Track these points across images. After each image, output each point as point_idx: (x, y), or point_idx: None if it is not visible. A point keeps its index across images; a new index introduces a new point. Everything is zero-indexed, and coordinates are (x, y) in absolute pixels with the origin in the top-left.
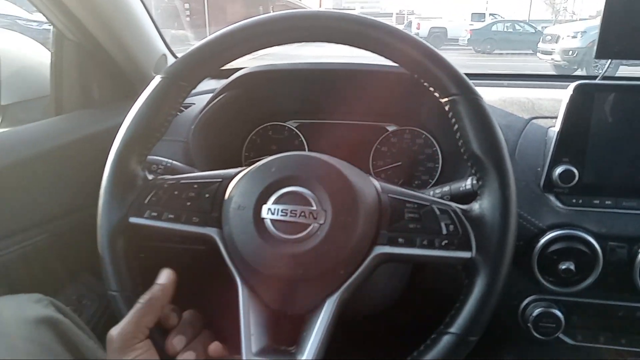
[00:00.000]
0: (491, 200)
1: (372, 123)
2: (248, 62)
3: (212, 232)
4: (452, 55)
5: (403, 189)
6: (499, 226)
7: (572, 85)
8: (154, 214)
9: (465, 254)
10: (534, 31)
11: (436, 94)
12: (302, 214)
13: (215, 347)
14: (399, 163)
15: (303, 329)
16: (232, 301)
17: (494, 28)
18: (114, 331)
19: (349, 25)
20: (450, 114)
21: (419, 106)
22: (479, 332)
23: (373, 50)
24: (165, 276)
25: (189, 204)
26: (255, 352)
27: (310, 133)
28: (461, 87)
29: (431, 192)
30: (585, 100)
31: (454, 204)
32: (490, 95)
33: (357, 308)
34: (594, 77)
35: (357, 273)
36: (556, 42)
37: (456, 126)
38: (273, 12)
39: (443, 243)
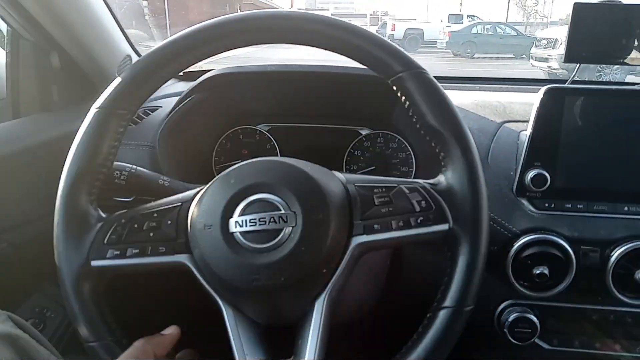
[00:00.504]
0: (457, 169)
1: (345, 127)
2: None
3: (182, 258)
4: (430, 59)
5: (367, 176)
6: (469, 192)
7: (543, 89)
8: (117, 252)
9: (443, 227)
10: (515, 34)
11: (382, 76)
12: (272, 220)
13: None
14: (373, 167)
15: (297, 338)
16: (220, 324)
17: (473, 30)
18: None
19: (286, 22)
20: (399, 93)
21: (391, 110)
22: (473, 301)
23: (314, 44)
24: (170, 329)
25: (151, 234)
26: None
27: (282, 137)
28: (404, 63)
29: None
30: (556, 103)
31: (421, 180)
32: (462, 98)
33: (341, 314)
34: (564, 82)
35: (340, 269)
36: (553, 48)
37: (407, 103)
38: (240, 11)
39: (419, 220)
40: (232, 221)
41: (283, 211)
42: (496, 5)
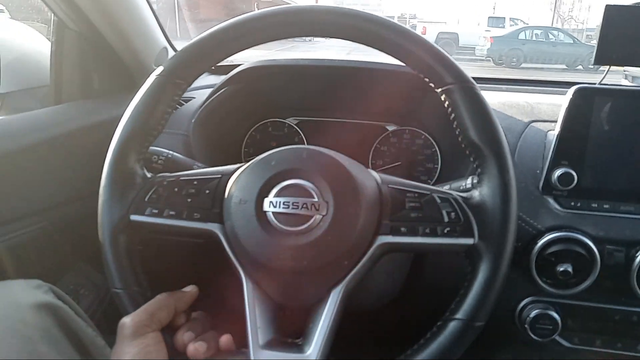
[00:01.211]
0: (491, 187)
1: (372, 122)
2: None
3: (214, 227)
4: (467, 67)
5: (402, 180)
6: (500, 212)
7: (573, 89)
8: (155, 211)
9: (468, 241)
10: (571, 41)
11: (432, 85)
12: (304, 205)
13: (226, 339)
14: (399, 163)
15: (309, 321)
16: (237, 295)
17: (521, 36)
18: (127, 318)
19: (341, 19)
20: (446, 104)
21: (419, 106)
22: (485, 318)
23: (366, 43)
24: (190, 287)
25: (189, 200)
26: (262, 344)
27: (310, 130)
28: (456, 76)
29: None
30: (585, 104)
31: (454, 192)
32: (489, 98)
33: (358, 303)
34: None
35: (360, 263)
36: None
37: (453, 115)
38: (257, 9)
39: (445, 230)
40: (266, 200)
41: (316, 199)
42: (530, 9)
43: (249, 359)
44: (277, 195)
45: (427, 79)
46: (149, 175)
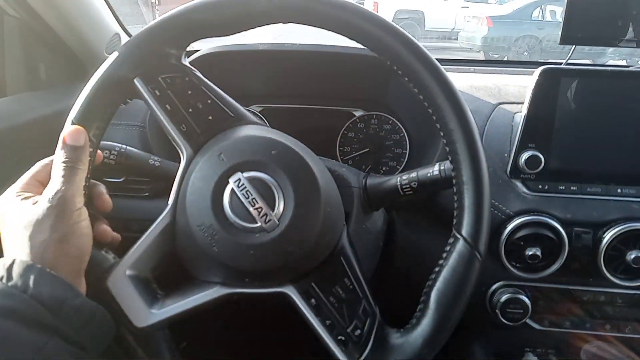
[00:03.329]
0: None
1: (339, 108)
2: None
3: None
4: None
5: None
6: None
7: (539, 70)
8: None
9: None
10: None
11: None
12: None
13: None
14: (367, 149)
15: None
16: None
17: (535, 14)
18: (48, 193)
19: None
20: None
21: (385, 91)
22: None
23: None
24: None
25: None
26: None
27: (274, 118)
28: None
29: (398, 179)
30: (551, 84)
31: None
32: (458, 81)
33: None
34: (559, 64)
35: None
36: None
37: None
38: None
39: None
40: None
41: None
42: None
43: None
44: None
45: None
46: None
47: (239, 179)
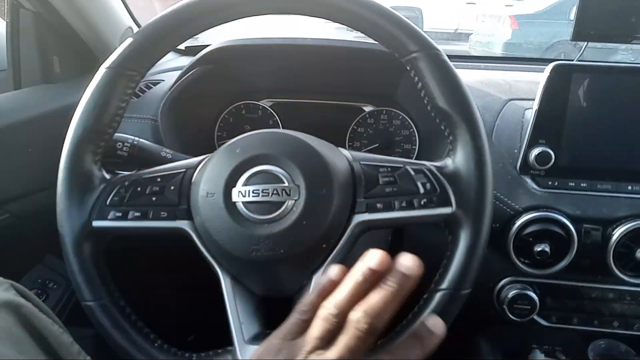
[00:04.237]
0: (464, 153)
1: (349, 103)
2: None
3: (183, 224)
4: None
5: (374, 155)
6: (475, 177)
7: (550, 66)
8: (119, 214)
9: (446, 210)
10: None
11: (396, 55)
12: (275, 191)
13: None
14: (376, 145)
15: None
16: (217, 293)
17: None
18: None
19: None
20: (412, 73)
21: (396, 86)
22: (470, 285)
23: (325, 16)
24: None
25: (154, 199)
26: (247, 339)
27: (284, 112)
28: (420, 43)
29: None
30: (563, 81)
31: (427, 162)
32: (468, 77)
33: None
34: (571, 60)
35: (339, 245)
36: None
37: (420, 84)
38: None
39: (422, 202)
40: (235, 190)
41: (287, 184)
42: None
43: (236, 358)
44: (245, 184)
45: (389, 49)
46: (108, 176)
47: (240, 190)
